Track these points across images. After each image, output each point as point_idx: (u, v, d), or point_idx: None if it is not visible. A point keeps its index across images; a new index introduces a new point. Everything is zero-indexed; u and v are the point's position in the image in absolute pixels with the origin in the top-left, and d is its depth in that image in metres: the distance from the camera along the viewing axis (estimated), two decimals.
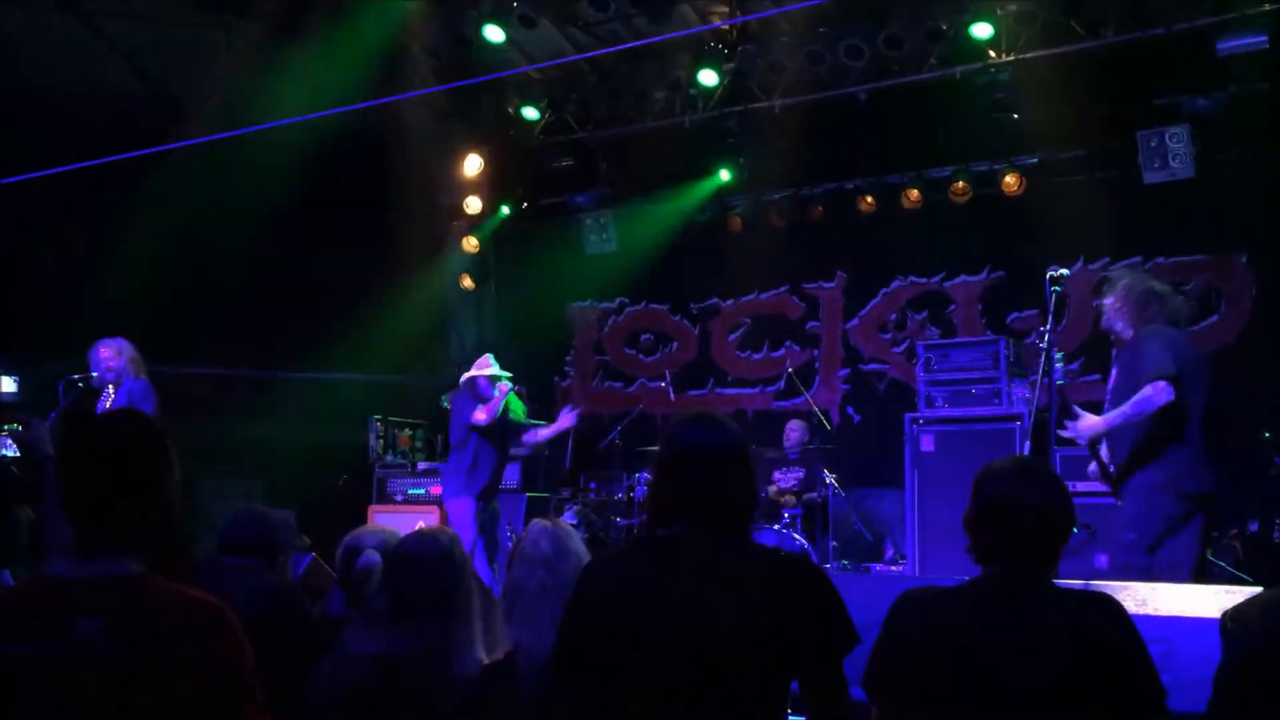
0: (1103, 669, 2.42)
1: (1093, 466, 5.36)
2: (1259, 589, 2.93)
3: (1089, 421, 5.13)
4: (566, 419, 7.84)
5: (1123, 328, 5.28)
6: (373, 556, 3.52)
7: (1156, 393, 4.85)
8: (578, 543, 3.09)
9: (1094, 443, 5.28)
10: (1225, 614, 2.66)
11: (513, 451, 9.11)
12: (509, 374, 7.63)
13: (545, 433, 7.97)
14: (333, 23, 8.96)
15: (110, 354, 7.12)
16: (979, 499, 2.63)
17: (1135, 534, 5.01)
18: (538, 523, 3.15)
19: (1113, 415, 5.04)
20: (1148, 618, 3.87)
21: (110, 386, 7.08)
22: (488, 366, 7.61)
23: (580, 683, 2.52)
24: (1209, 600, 3.98)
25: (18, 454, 7.82)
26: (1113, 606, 2.51)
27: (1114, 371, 5.30)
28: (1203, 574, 5.02)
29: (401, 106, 9.23)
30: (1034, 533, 2.56)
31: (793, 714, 2.59)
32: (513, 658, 2.94)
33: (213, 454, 8.44)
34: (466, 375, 7.66)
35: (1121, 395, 5.07)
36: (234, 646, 2.15)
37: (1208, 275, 9.01)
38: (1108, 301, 5.38)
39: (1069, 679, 2.40)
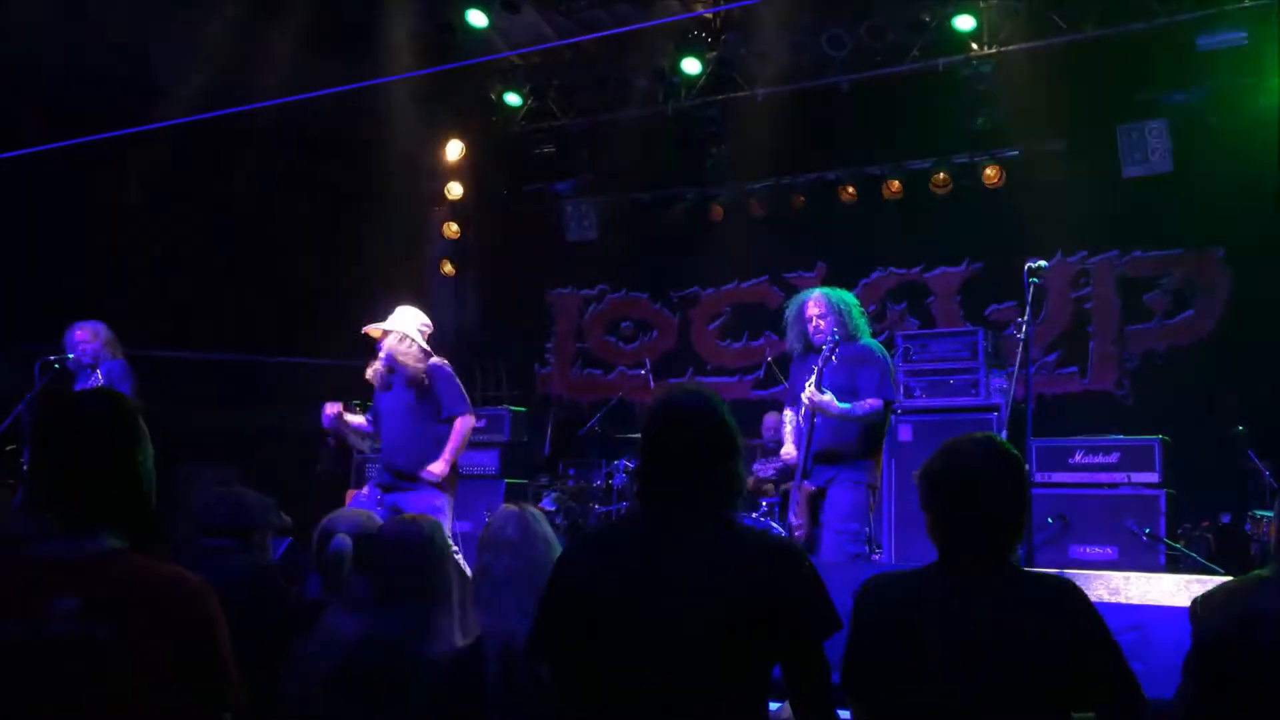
0: (1071, 654, 2.43)
1: (790, 450, 6.07)
2: (1229, 579, 2.97)
3: (825, 398, 5.68)
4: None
5: (834, 335, 5.85)
6: (343, 541, 3.52)
7: (879, 413, 5.81)
8: (545, 526, 3.08)
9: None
10: (1195, 600, 2.69)
11: (488, 437, 9.09)
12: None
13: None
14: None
15: (86, 336, 7.08)
16: (938, 480, 2.59)
17: (857, 525, 5.78)
18: (505, 508, 3.15)
19: (846, 409, 5.72)
20: (1121, 606, 3.91)
21: (89, 368, 7.04)
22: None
23: (558, 664, 2.52)
24: (1180, 589, 4.03)
25: None
26: (1076, 590, 2.51)
27: (828, 368, 5.86)
28: None
29: (382, 90, 9.16)
30: (996, 515, 2.54)
31: (775, 700, 2.60)
32: (480, 642, 2.95)
33: (191, 438, 8.38)
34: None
35: (840, 389, 5.75)
36: (213, 623, 2.15)
37: (1184, 269, 9.06)
38: (816, 313, 5.97)
39: (1036, 664, 2.41)
